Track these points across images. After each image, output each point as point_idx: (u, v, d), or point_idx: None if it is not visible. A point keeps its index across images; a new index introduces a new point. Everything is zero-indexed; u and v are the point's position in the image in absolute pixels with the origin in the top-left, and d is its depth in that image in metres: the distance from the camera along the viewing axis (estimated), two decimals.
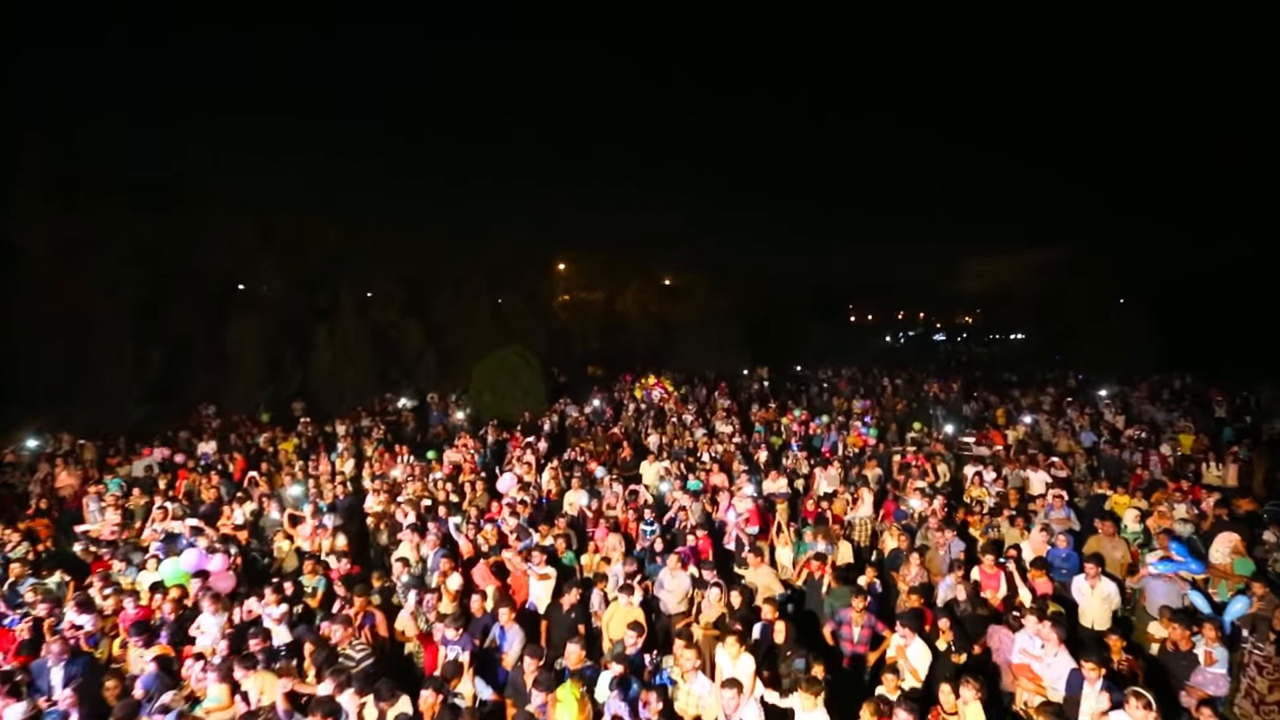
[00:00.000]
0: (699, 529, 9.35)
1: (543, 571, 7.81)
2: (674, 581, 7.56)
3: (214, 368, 24.01)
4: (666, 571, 7.64)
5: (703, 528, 9.79)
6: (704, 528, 9.94)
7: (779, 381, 33.75)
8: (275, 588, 7.21)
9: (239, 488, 11.96)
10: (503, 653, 6.49)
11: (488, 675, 6.25)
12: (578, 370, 41.23)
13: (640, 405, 22.55)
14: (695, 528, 9.35)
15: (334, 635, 6.31)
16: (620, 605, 6.85)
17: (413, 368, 30.72)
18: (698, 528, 9.57)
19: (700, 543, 8.80)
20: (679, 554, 7.75)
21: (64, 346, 18.93)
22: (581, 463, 14.79)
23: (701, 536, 8.87)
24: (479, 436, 18.86)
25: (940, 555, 8.34)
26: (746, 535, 9.08)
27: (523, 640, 6.46)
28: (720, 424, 19.69)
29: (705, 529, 9.88)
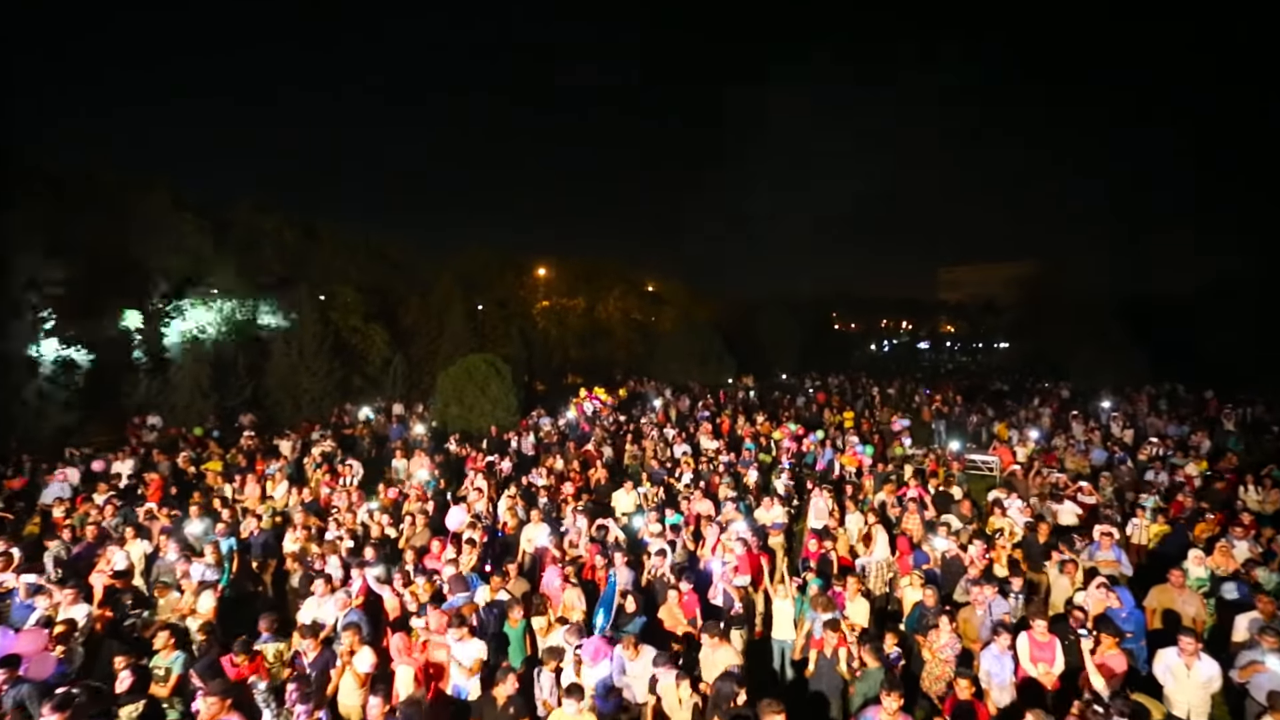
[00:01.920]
0: (679, 579, 7.68)
1: (463, 652, 6.09)
2: (635, 666, 5.88)
3: (156, 375, 22.00)
4: (623, 656, 5.97)
5: (684, 573, 8.16)
6: (685, 572, 8.31)
7: (764, 391, 32.29)
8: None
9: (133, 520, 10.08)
10: None
11: None
12: (557, 380, 39.59)
13: (578, 420, 20.92)
14: (674, 581, 7.65)
15: None
16: (565, 715, 5.12)
17: (379, 377, 28.82)
18: (679, 574, 7.94)
19: (685, 598, 7.10)
20: (629, 638, 6.04)
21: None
22: (548, 487, 13.13)
23: (686, 592, 7.17)
24: (438, 452, 17.16)
25: (978, 616, 6.75)
26: (734, 588, 7.43)
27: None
28: (705, 439, 18.10)
29: (687, 573, 8.26)
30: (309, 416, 23.00)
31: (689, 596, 7.16)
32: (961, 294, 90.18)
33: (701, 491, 12.00)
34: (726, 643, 6.03)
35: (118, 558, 8.51)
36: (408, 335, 31.36)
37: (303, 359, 24.55)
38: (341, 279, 29.83)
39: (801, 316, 48.32)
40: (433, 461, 16.36)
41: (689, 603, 7.12)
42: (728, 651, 5.99)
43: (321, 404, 24.65)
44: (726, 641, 6.03)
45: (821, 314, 60.51)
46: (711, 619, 7.61)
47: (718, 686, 5.21)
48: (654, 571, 8.23)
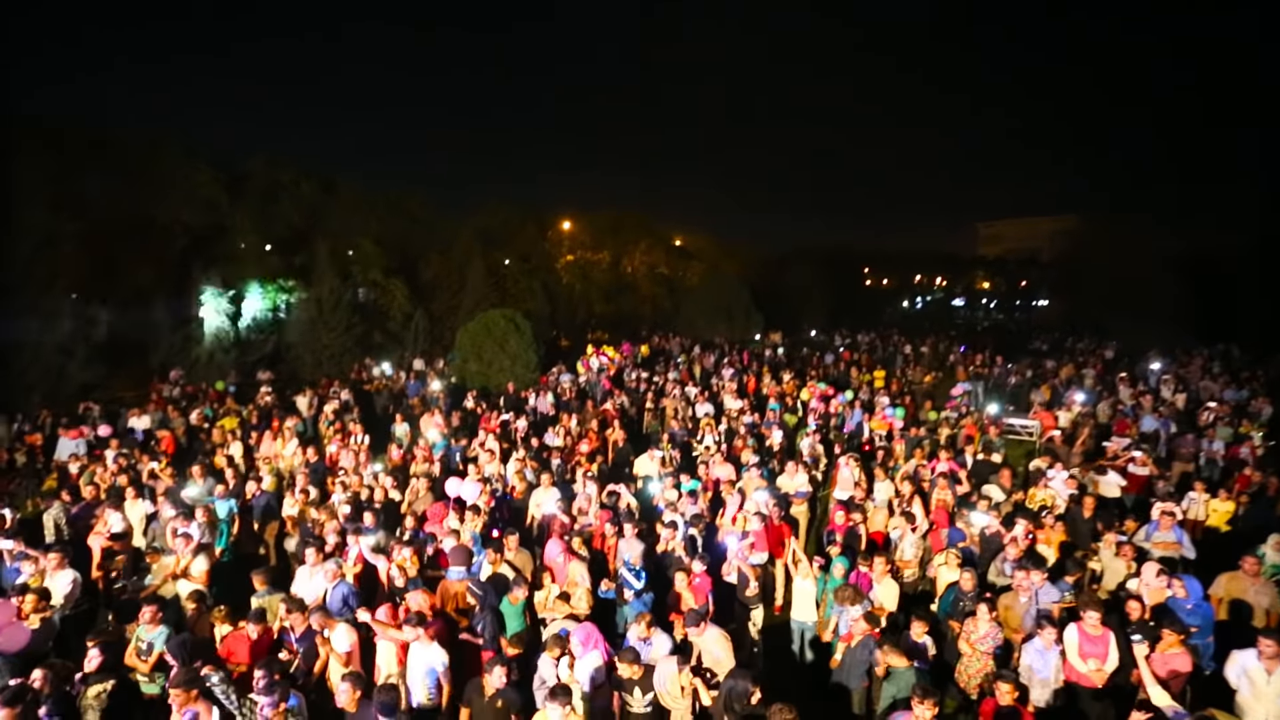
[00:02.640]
0: (692, 553, 7.13)
1: (419, 658, 5.47)
2: (648, 649, 5.36)
3: (178, 330, 21.98)
4: (635, 637, 5.45)
5: (699, 546, 7.64)
6: (701, 545, 7.79)
7: (792, 349, 31.37)
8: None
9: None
10: None
11: None
12: (581, 335, 39.11)
13: (588, 377, 20.31)
14: (685, 558, 7.10)
15: None
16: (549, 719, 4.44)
17: (400, 332, 28.57)
18: (693, 547, 7.41)
19: (697, 580, 6.53)
20: (644, 615, 5.51)
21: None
22: (562, 449, 12.67)
23: (698, 575, 6.62)
24: (456, 410, 16.80)
25: (1021, 605, 6.09)
26: (749, 567, 6.85)
27: None
28: (729, 399, 17.44)
29: (703, 546, 7.74)
30: (329, 372, 22.90)
31: (700, 579, 6.60)
32: (1002, 248, 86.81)
33: (723, 455, 11.39)
34: (709, 629, 5.47)
35: (113, 519, 8.27)
36: (428, 290, 30.99)
37: (321, 314, 24.31)
38: (361, 233, 29.41)
39: (832, 271, 46.79)
40: (448, 420, 16.09)
41: (700, 585, 6.56)
42: (716, 638, 5.43)
43: (342, 360, 24.47)
44: (707, 626, 5.46)
45: (853, 269, 58.66)
46: (728, 597, 7.19)
47: (730, 685, 4.68)
48: (665, 544, 7.70)
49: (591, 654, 5.21)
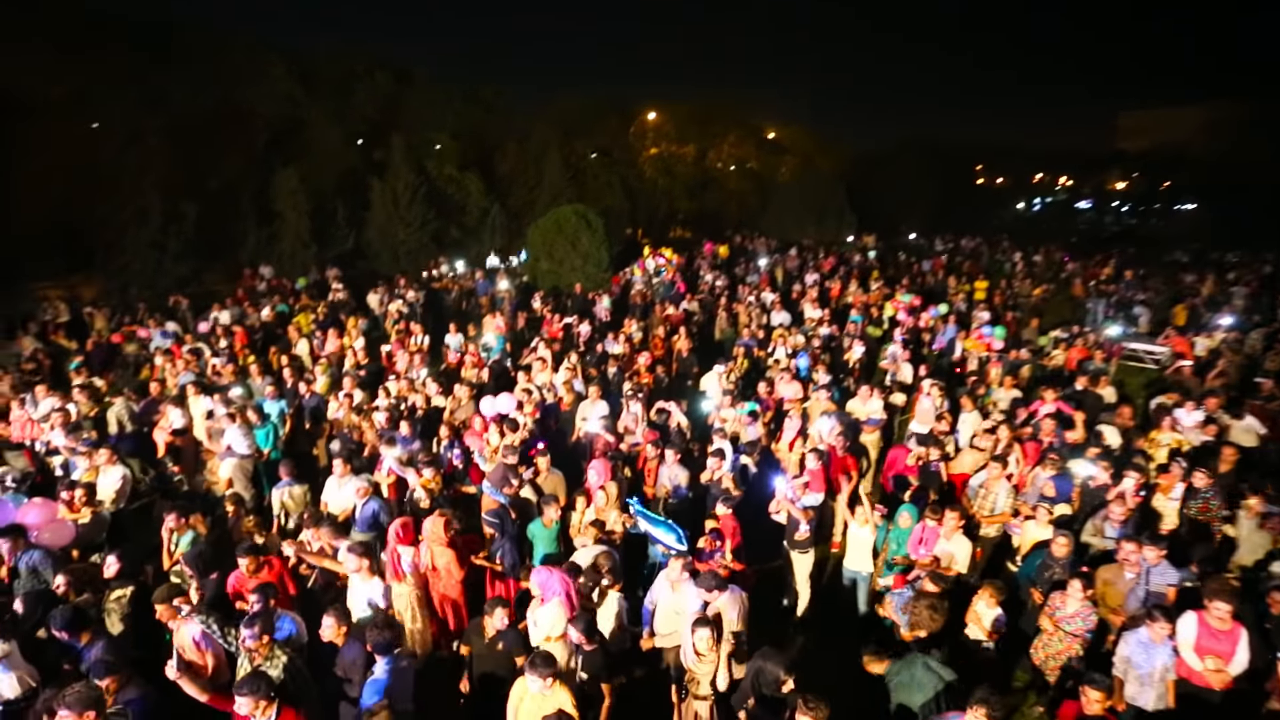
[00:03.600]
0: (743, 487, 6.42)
1: (358, 591, 5.12)
2: (676, 598, 4.80)
3: (264, 225, 22.54)
4: (665, 585, 4.89)
5: (749, 477, 6.95)
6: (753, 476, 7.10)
7: (887, 253, 28.94)
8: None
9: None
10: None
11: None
12: (662, 232, 37.79)
13: (648, 279, 19.15)
14: (732, 488, 6.40)
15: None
16: (530, 694, 3.90)
17: (476, 228, 28.31)
18: (742, 480, 6.70)
19: (722, 520, 5.85)
20: (684, 563, 4.90)
21: (89, 204, 17.60)
22: (622, 356, 12.05)
23: (724, 518, 5.93)
24: (523, 310, 16.48)
25: (1126, 581, 5.06)
26: (800, 511, 6.07)
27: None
28: (809, 307, 16.13)
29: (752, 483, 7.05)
30: (405, 268, 23.08)
31: (725, 519, 5.91)
32: (1145, 142, 75.63)
33: (792, 372, 10.42)
34: (721, 592, 4.78)
35: (174, 415, 8.46)
36: (505, 184, 30.33)
37: (397, 209, 24.24)
38: (436, 125, 28.73)
39: (938, 168, 42.26)
40: (512, 322, 15.80)
41: (725, 523, 5.88)
42: (727, 599, 4.77)
43: (418, 256, 24.57)
44: (720, 591, 4.77)
45: (963, 166, 52.82)
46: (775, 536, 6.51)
47: (758, 665, 4.07)
48: (711, 473, 7.04)
49: (550, 606, 4.67)
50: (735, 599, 4.75)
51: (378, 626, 4.14)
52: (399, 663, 4.16)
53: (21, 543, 5.56)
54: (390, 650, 4.12)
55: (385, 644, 4.09)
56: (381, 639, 4.09)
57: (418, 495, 6.40)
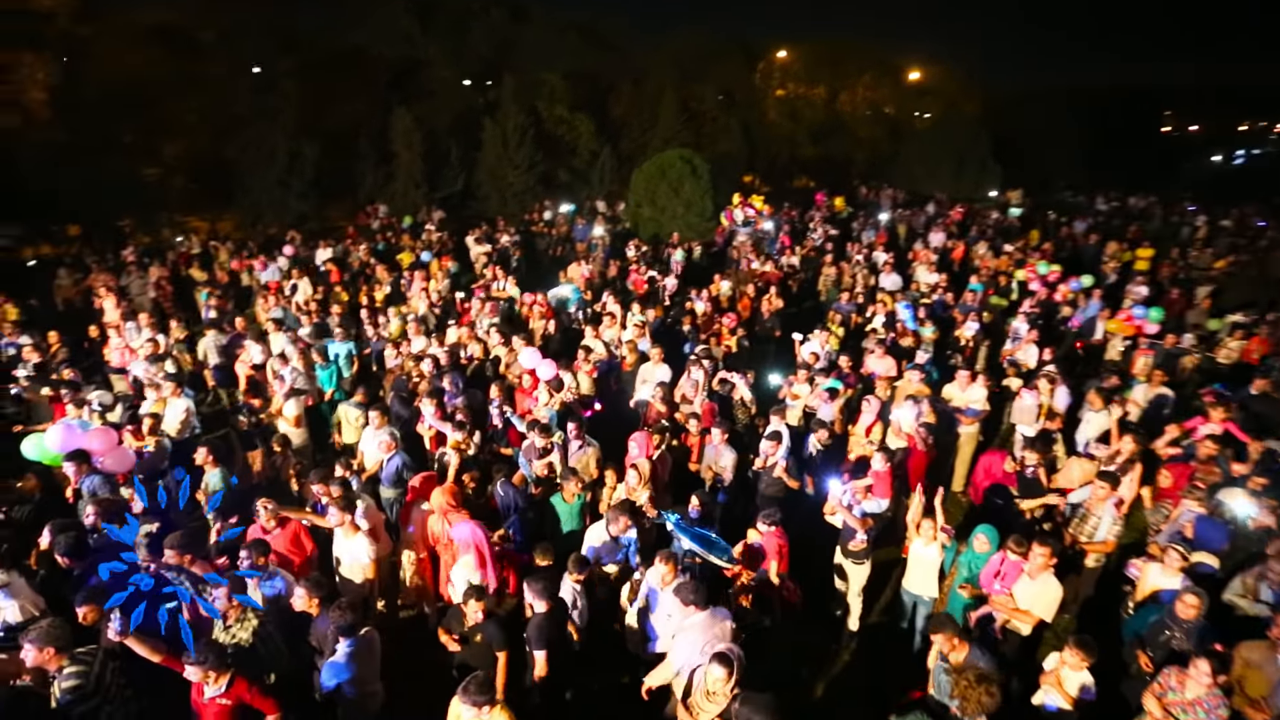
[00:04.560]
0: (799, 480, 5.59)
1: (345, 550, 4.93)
2: (667, 602, 4.16)
3: (381, 165, 23.35)
4: (655, 582, 4.28)
5: (814, 468, 6.08)
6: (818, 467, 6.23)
7: (1034, 211, 25.51)
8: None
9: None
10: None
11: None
12: (782, 181, 35.73)
13: (734, 228, 17.58)
14: (786, 474, 5.57)
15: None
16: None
17: (585, 171, 27.92)
18: (796, 472, 5.86)
19: (765, 535, 5.00)
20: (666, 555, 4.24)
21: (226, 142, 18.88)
22: (703, 315, 11.24)
23: (768, 533, 5.00)
24: (615, 258, 15.91)
25: (1278, 667, 3.82)
26: (855, 519, 5.13)
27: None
28: (924, 270, 14.42)
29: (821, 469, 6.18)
30: (512, 211, 23.19)
31: (769, 536, 5.03)
32: None
33: (884, 346, 9.20)
34: (699, 610, 4.04)
35: (253, 350, 8.76)
36: (617, 127, 29.59)
37: (506, 150, 24.23)
38: (551, 64, 28.24)
39: (1110, 113, 36.51)
40: (600, 270, 15.35)
41: (769, 541, 5.05)
42: (699, 620, 4.01)
43: (524, 198, 24.59)
44: (699, 609, 4.03)
45: (1147, 111, 45.39)
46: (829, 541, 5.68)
47: (737, 710, 3.38)
48: (763, 460, 6.24)
49: (463, 560, 4.14)
50: (704, 624, 4.04)
51: (340, 608, 3.87)
52: (361, 644, 3.88)
53: (85, 467, 5.86)
54: (353, 632, 3.85)
55: (347, 626, 3.83)
56: (343, 620, 3.82)
57: (446, 456, 6.12)
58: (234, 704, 3.70)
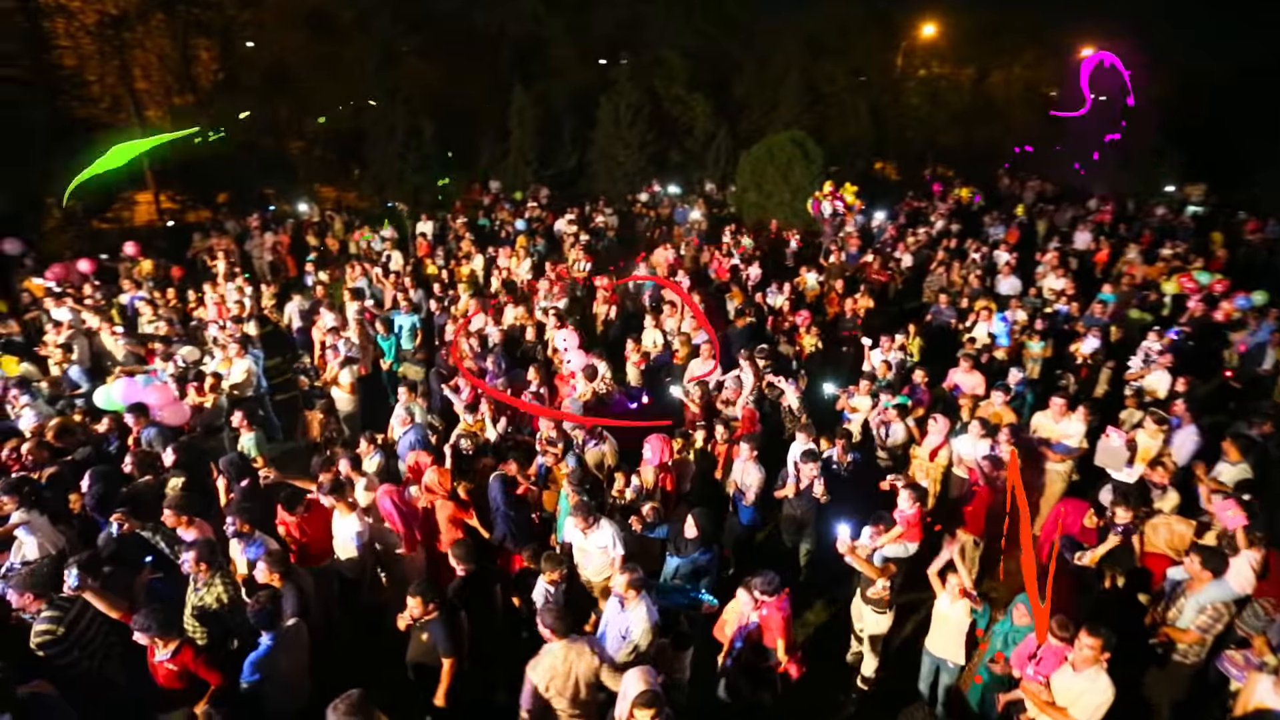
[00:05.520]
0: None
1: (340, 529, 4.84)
2: (623, 619, 3.75)
3: (499, 141, 24.00)
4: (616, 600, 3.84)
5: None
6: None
7: (1217, 210, 21.79)
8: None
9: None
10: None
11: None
12: (915, 169, 33.12)
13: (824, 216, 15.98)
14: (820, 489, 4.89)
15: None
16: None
17: (700, 153, 27.26)
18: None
19: (767, 609, 4.14)
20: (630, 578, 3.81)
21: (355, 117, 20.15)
22: (776, 312, 10.50)
23: (769, 607, 4.12)
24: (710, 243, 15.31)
25: None
26: (870, 567, 4.31)
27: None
28: (1052, 276, 12.64)
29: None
30: (620, 191, 23.12)
31: (768, 607, 4.14)
32: None
33: (971, 361, 8.08)
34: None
35: (327, 317, 9.18)
36: (737, 108, 28.57)
37: (618, 129, 24.09)
38: (673, 42, 27.68)
39: None
40: (688, 255, 14.85)
41: (770, 615, 4.16)
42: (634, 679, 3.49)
43: (633, 178, 24.39)
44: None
45: None
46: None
47: None
48: (794, 486, 5.58)
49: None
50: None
51: (259, 600, 3.80)
52: (282, 639, 3.81)
53: (143, 419, 6.33)
54: (272, 624, 3.77)
55: (265, 617, 3.75)
56: (261, 612, 3.75)
57: (461, 441, 6.02)
58: (180, 670, 3.76)
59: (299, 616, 4.11)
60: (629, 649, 3.92)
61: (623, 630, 3.95)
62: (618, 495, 5.57)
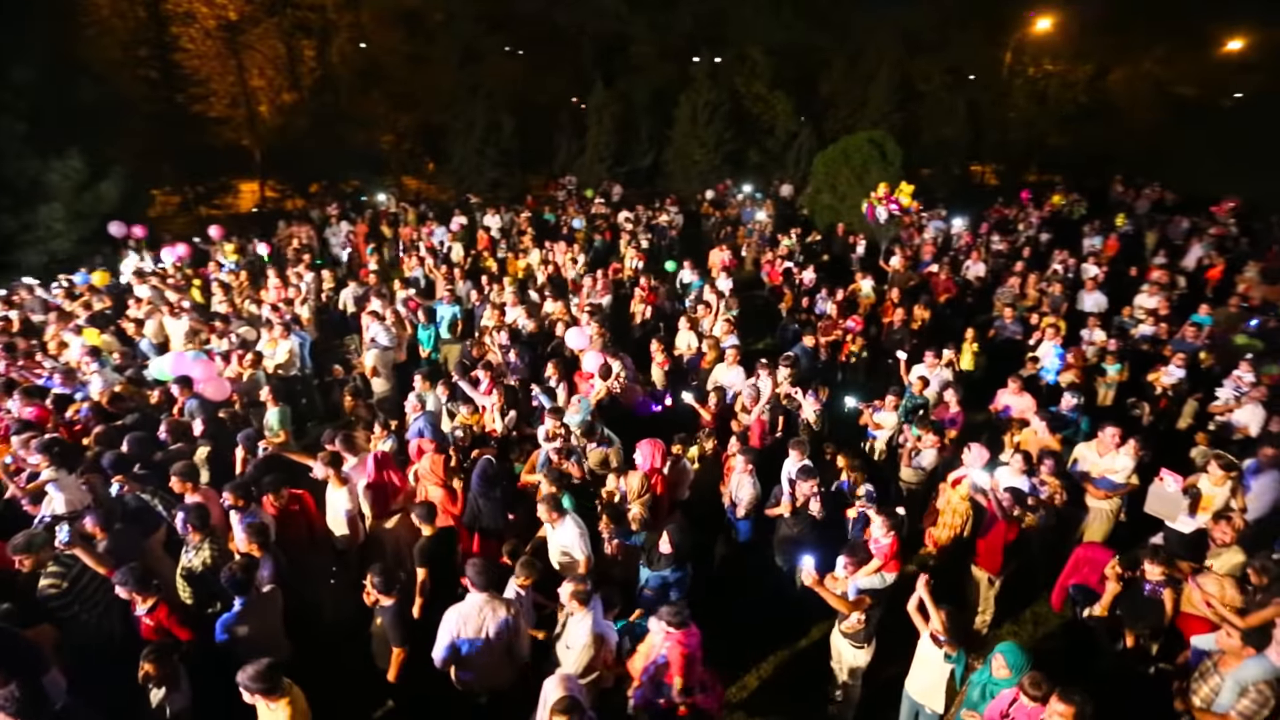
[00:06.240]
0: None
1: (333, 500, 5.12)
2: (575, 628, 3.67)
3: (577, 138, 24.37)
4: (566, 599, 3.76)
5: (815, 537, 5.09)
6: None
7: None
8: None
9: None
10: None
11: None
12: (1014, 175, 31.04)
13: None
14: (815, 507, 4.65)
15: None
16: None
17: (780, 153, 26.61)
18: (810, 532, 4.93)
19: (671, 643, 3.80)
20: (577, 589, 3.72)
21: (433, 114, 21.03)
22: (824, 318, 10.07)
23: (675, 637, 3.79)
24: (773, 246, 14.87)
25: None
26: (838, 599, 3.96)
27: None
28: (1145, 295, 11.43)
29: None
30: (692, 189, 22.94)
31: (670, 639, 3.80)
32: None
33: (1021, 382, 7.41)
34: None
35: (375, 304, 9.60)
36: (823, 106, 27.67)
37: (695, 127, 23.90)
38: (760, 39, 27.12)
39: None
40: (750, 256, 14.54)
41: (671, 648, 3.81)
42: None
43: (708, 177, 24.12)
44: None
45: None
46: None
47: None
48: (788, 505, 5.29)
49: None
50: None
51: (231, 568, 3.99)
52: (253, 602, 4.00)
53: (187, 391, 6.84)
54: (243, 590, 3.96)
55: (236, 583, 3.94)
56: (232, 577, 3.94)
57: (457, 431, 6.14)
58: (155, 625, 4.03)
59: (276, 584, 4.33)
60: (570, 659, 3.85)
61: (568, 640, 3.89)
62: (607, 497, 5.50)
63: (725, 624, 4.95)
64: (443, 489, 5.27)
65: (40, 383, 7.08)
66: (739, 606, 5.37)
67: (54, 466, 5.00)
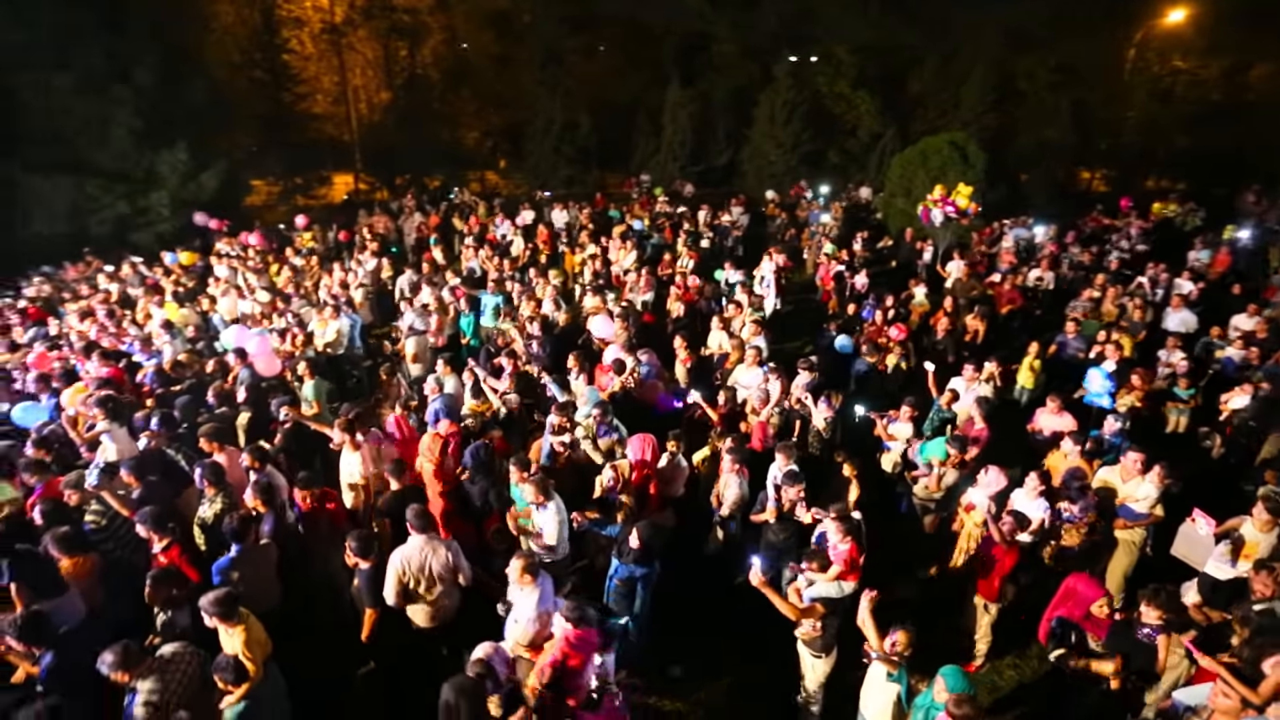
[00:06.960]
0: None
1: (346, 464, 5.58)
2: (522, 604, 3.82)
3: (654, 137, 24.51)
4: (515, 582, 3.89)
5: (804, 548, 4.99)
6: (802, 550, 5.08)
7: None
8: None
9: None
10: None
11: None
12: (1128, 181, 28.60)
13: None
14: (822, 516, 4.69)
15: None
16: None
17: (862, 155, 25.75)
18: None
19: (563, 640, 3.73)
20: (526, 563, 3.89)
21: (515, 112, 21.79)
22: (869, 325, 9.75)
23: (568, 634, 3.70)
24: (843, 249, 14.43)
25: None
26: (789, 606, 3.84)
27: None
28: (1244, 316, 10.32)
29: None
30: (766, 190, 22.62)
31: (563, 635, 3.74)
32: None
33: (1061, 401, 6.92)
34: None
35: (425, 293, 10.12)
36: (911, 106, 26.52)
37: (772, 128, 23.54)
38: (847, 37, 26.33)
39: None
40: (810, 259, 14.21)
41: (564, 643, 3.70)
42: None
43: (784, 179, 23.68)
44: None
45: None
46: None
47: None
48: (780, 506, 5.19)
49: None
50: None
51: (231, 518, 4.40)
52: (245, 552, 4.39)
53: (242, 362, 7.52)
54: (240, 539, 4.35)
55: (234, 532, 4.34)
56: (230, 527, 4.34)
57: (467, 419, 6.43)
58: (169, 563, 4.51)
59: (273, 540, 4.73)
60: (517, 632, 4.00)
61: (516, 614, 4.04)
62: (600, 486, 5.61)
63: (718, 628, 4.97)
64: (435, 466, 5.54)
65: (123, 348, 7.97)
66: (737, 615, 5.29)
67: (108, 419, 5.66)
